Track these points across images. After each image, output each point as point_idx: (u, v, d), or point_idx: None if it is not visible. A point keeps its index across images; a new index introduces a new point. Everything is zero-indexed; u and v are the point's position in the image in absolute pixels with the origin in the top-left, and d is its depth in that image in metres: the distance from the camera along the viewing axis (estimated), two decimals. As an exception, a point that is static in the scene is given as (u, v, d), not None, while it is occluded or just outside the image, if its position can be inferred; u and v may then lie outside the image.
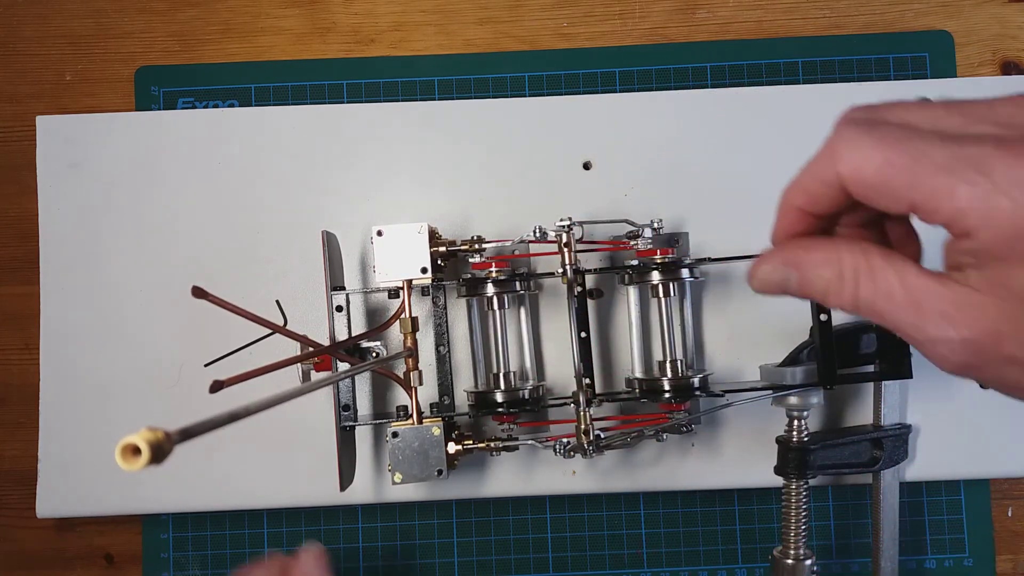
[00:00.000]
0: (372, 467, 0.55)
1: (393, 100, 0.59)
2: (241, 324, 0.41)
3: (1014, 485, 0.58)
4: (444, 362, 0.53)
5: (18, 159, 0.58)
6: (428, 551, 0.57)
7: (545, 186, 0.56)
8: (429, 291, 0.53)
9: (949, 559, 0.57)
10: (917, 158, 0.24)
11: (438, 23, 0.60)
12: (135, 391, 0.55)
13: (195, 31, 0.60)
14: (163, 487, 0.55)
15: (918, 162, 0.24)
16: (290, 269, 0.56)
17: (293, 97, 0.59)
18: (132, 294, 0.56)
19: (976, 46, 0.60)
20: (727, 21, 0.61)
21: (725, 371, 0.56)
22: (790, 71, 0.59)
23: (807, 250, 0.28)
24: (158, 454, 0.21)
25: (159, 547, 0.57)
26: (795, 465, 0.50)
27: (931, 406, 0.55)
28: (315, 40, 0.60)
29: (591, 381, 0.49)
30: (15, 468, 0.57)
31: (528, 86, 0.60)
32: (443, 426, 0.49)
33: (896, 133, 0.25)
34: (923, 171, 0.24)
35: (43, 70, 0.60)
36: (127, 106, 0.59)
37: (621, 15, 0.61)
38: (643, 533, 0.57)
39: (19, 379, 0.58)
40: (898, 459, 0.53)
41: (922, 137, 0.24)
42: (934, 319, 0.25)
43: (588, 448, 0.48)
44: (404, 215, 0.56)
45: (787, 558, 0.50)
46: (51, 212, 0.56)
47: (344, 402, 0.51)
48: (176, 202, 0.56)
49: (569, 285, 0.49)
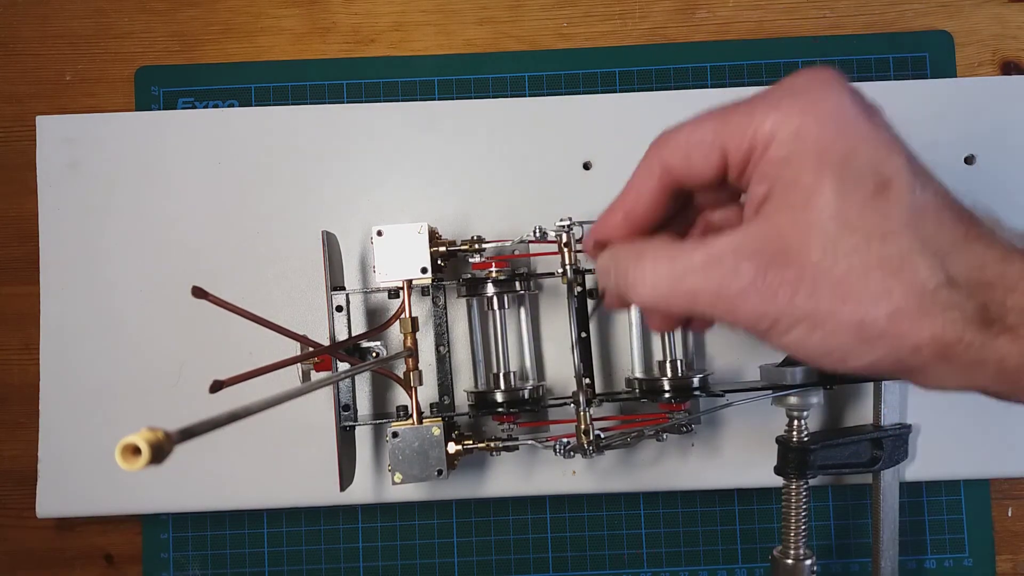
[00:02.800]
0: (372, 467, 0.55)
1: (393, 100, 0.59)
2: (241, 324, 0.41)
3: (1014, 485, 0.58)
4: (444, 362, 0.53)
5: (18, 159, 0.58)
6: (428, 551, 0.57)
7: (545, 186, 0.56)
8: (429, 291, 0.53)
9: (949, 559, 0.57)
10: (724, 113, 0.29)
11: (438, 23, 0.60)
12: (135, 391, 0.55)
13: (195, 31, 0.60)
14: (163, 487, 0.55)
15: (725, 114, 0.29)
16: (290, 269, 0.56)
17: (293, 97, 0.59)
18: (132, 294, 0.56)
19: (976, 46, 0.60)
20: (727, 21, 0.61)
21: (725, 371, 0.56)
22: (790, 71, 0.59)
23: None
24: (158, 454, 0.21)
25: (159, 547, 0.57)
26: (795, 465, 0.50)
27: (931, 406, 0.55)
28: (315, 40, 0.60)
29: (591, 381, 0.49)
30: (15, 468, 0.57)
31: (528, 86, 0.60)
32: (443, 426, 0.49)
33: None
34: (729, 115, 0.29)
35: (43, 70, 0.60)
36: (127, 106, 0.59)
37: (621, 15, 0.61)
38: (643, 533, 0.57)
39: (19, 379, 0.58)
40: (898, 459, 0.53)
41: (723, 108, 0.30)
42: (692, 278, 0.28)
43: (588, 448, 0.48)
44: (404, 215, 0.56)
45: (787, 558, 0.50)
46: (51, 212, 0.56)
47: (344, 402, 0.51)
48: (176, 202, 0.56)
49: (569, 285, 0.49)
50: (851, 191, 0.26)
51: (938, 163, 0.57)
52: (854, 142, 0.26)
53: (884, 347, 0.26)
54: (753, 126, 0.27)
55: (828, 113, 0.27)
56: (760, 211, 0.28)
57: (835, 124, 0.26)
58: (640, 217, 0.33)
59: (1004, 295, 0.26)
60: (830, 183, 0.26)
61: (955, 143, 0.56)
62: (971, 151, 0.56)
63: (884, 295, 0.25)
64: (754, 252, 0.27)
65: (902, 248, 0.26)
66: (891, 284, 0.25)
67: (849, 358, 0.27)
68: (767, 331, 0.27)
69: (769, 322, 0.27)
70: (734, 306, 0.27)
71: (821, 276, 0.26)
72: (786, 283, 0.26)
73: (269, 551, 0.57)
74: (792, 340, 0.27)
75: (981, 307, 0.25)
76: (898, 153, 0.27)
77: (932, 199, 0.26)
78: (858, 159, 0.26)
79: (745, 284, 0.27)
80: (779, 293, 0.26)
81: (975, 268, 0.26)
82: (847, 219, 0.26)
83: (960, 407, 0.55)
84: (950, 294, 0.25)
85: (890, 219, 0.26)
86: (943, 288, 0.25)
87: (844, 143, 0.26)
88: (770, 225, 0.27)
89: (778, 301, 0.26)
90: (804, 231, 0.26)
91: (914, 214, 0.26)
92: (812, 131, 0.26)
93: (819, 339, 0.27)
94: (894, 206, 0.26)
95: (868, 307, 0.25)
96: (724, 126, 0.28)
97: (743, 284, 0.27)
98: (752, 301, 0.27)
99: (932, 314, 0.25)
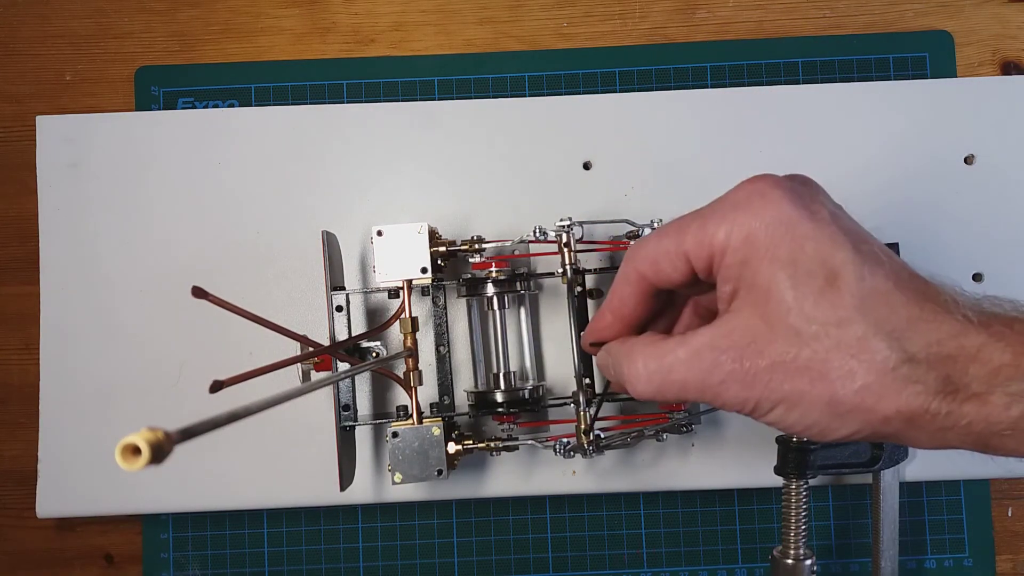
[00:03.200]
0: (372, 467, 0.55)
1: (393, 100, 0.59)
2: (241, 324, 0.41)
3: (1014, 485, 0.58)
4: (444, 362, 0.53)
5: (18, 159, 0.58)
6: (428, 551, 0.57)
7: (545, 186, 0.56)
8: (429, 291, 0.53)
9: (949, 559, 0.57)
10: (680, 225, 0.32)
11: (438, 23, 0.60)
12: (135, 391, 0.55)
13: (195, 31, 0.60)
14: (163, 487, 0.55)
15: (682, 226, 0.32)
16: (290, 269, 0.56)
17: (293, 97, 0.59)
18: (132, 294, 0.56)
19: (976, 46, 0.60)
20: (727, 21, 0.61)
21: (725, 371, 0.55)
22: (790, 71, 0.59)
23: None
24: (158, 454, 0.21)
25: (159, 547, 0.57)
26: (795, 465, 0.50)
27: (931, 406, 0.55)
28: (315, 40, 0.60)
29: (591, 381, 0.49)
30: (15, 468, 0.57)
31: (528, 86, 0.60)
32: (443, 426, 0.49)
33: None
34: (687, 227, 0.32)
35: (43, 70, 0.60)
36: (127, 106, 0.59)
37: (621, 15, 0.61)
38: (643, 533, 0.57)
39: (19, 379, 0.58)
40: (898, 459, 0.53)
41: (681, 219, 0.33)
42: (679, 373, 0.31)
43: (588, 448, 0.48)
44: (404, 215, 0.56)
45: (787, 558, 0.50)
46: (51, 212, 0.56)
47: (344, 402, 0.51)
48: (176, 202, 0.56)
49: (569, 285, 0.49)
50: (803, 285, 0.28)
51: (938, 163, 0.57)
52: (800, 242, 0.29)
53: (857, 421, 0.29)
54: (708, 237, 0.30)
55: (771, 219, 0.29)
56: (730, 307, 0.31)
57: (780, 227, 0.29)
58: (627, 317, 0.36)
59: (966, 365, 0.27)
60: (784, 280, 0.28)
61: (955, 143, 0.56)
62: (971, 151, 0.56)
63: (848, 375, 0.28)
64: (729, 346, 0.30)
65: (857, 332, 0.28)
66: (853, 365, 0.28)
67: (828, 431, 0.29)
68: (751, 413, 0.31)
69: (752, 405, 0.30)
70: (718, 394, 0.30)
71: (790, 362, 0.28)
72: (761, 371, 0.29)
73: (269, 551, 0.57)
74: (774, 419, 0.30)
75: (944, 378, 0.27)
76: (842, 245, 0.29)
77: (882, 283, 0.28)
78: (805, 257, 0.29)
79: (724, 375, 0.30)
80: (756, 381, 0.29)
81: (933, 344, 0.28)
82: (803, 311, 0.28)
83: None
84: (911, 370, 0.27)
85: (842, 307, 0.28)
86: (904, 365, 0.27)
87: (790, 244, 0.29)
88: (739, 320, 0.30)
89: (756, 387, 0.29)
90: (769, 324, 0.29)
91: (864, 300, 0.28)
92: (760, 237, 0.29)
93: (797, 417, 0.29)
94: (844, 295, 0.28)
95: (836, 386, 0.28)
96: (683, 238, 0.31)
97: (723, 375, 0.30)
98: (733, 389, 0.30)
99: (895, 389, 0.27)
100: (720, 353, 0.30)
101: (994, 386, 0.27)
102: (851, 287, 0.28)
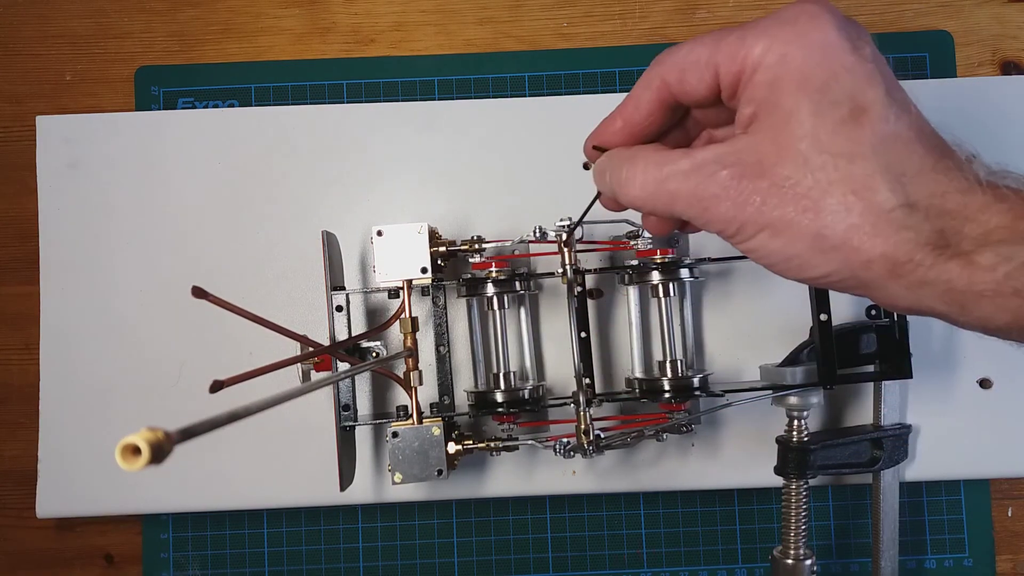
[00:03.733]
0: (372, 467, 0.55)
1: (393, 100, 0.59)
2: (241, 324, 0.41)
3: (1014, 485, 0.58)
4: (444, 362, 0.53)
5: (18, 159, 0.58)
6: (428, 551, 0.57)
7: (545, 186, 0.56)
8: (429, 291, 0.53)
9: (949, 559, 0.57)
10: (718, 36, 0.31)
11: (438, 23, 0.60)
12: (135, 391, 0.55)
13: (195, 31, 0.60)
14: (163, 487, 0.55)
15: (718, 38, 0.31)
16: (290, 269, 0.56)
17: (293, 97, 0.59)
18: (132, 294, 0.56)
19: (976, 46, 0.60)
20: (727, 21, 0.61)
21: (725, 371, 0.56)
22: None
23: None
24: (158, 454, 0.21)
25: (159, 547, 0.57)
26: (795, 465, 0.50)
27: (931, 406, 0.55)
28: (315, 40, 0.60)
29: (591, 381, 0.49)
30: (15, 468, 0.57)
31: (528, 86, 0.60)
32: (443, 426, 0.49)
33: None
34: (722, 40, 0.31)
35: (43, 70, 0.60)
36: (127, 106, 0.59)
37: (621, 15, 0.61)
38: (643, 533, 0.57)
39: (19, 379, 0.58)
40: (898, 459, 0.53)
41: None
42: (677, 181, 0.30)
43: (588, 448, 0.48)
44: (404, 215, 0.56)
45: (787, 558, 0.50)
46: (51, 212, 0.56)
47: (344, 402, 0.51)
48: (176, 202, 0.56)
49: (569, 285, 0.49)
50: (825, 115, 0.28)
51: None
52: (835, 70, 0.28)
53: (838, 259, 0.28)
54: (744, 50, 0.29)
55: (813, 42, 0.28)
56: (747, 130, 0.30)
57: (819, 53, 0.28)
58: (637, 125, 0.35)
59: (962, 223, 0.27)
60: (807, 106, 0.28)
61: (955, 143, 0.56)
62: (971, 151, 0.56)
63: (842, 211, 0.28)
64: (733, 163, 0.29)
65: (866, 170, 0.27)
66: (850, 201, 0.27)
67: (806, 267, 0.29)
68: (733, 235, 0.30)
69: (736, 226, 0.29)
70: (706, 208, 0.30)
71: (788, 189, 0.28)
72: (756, 192, 0.29)
73: (269, 551, 0.57)
74: (755, 245, 0.29)
75: (938, 232, 0.27)
76: (877, 84, 0.28)
77: (905, 130, 0.28)
78: (836, 86, 0.28)
79: (719, 190, 0.29)
80: (749, 201, 0.29)
81: (936, 195, 0.28)
82: (819, 140, 0.28)
83: (960, 407, 0.55)
84: (907, 216, 0.27)
85: (859, 143, 0.28)
86: (900, 209, 0.27)
87: (825, 71, 0.28)
88: (751, 141, 0.29)
89: (747, 208, 0.29)
90: (779, 148, 0.28)
91: (883, 140, 0.28)
92: (796, 59, 0.28)
93: (779, 246, 0.29)
94: (865, 131, 0.28)
95: (826, 220, 0.28)
96: (717, 48, 0.30)
97: (717, 190, 0.29)
98: (724, 206, 0.29)
99: (886, 233, 0.27)
100: (722, 168, 0.29)
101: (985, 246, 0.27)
102: (874, 126, 0.28)
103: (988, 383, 0.56)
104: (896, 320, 0.51)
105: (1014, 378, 0.55)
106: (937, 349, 0.56)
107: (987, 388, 0.56)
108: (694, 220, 0.31)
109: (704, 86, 0.31)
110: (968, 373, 0.56)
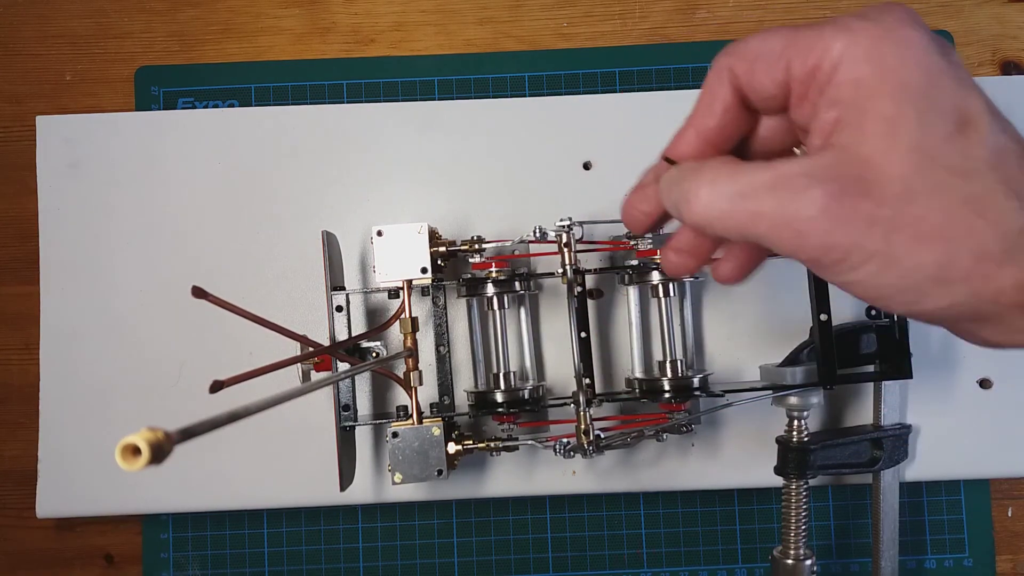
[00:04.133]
0: (372, 467, 0.55)
1: (393, 100, 0.59)
2: (241, 324, 0.41)
3: (1014, 485, 0.58)
4: (444, 362, 0.53)
5: (18, 159, 0.58)
6: (428, 551, 0.57)
7: (545, 186, 0.56)
8: (429, 291, 0.53)
9: (949, 559, 0.57)
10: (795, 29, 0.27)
11: (438, 23, 0.60)
12: (135, 391, 0.55)
13: (195, 31, 0.60)
14: (163, 487, 0.55)
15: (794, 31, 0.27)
16: (290, 269, 0.56)
17: (293, 97, 0.59)
18: (132, 294, 0.56)
19: (976, 46, 0.60)
20: (727, 21, 0.61)
21: (725, 371, 0.56)
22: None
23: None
24: (158, 454, 0.21)
25: (159, 547, 0.57)
26: (795, 465, 0.50)
27: (931, 406, 0.55)
28: (315, 40, 0.60)
29: (591, 381, 0.49)
30: (15, 468, 0.57)
31: (528, 86, 0.60)
32: (443, 426, 0.49)
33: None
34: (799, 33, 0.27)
35: (43, 70, 0.60)
36: (127, 106, 0.59)
37: (621, 15, 0.61)
38: (643, 533, 0.57)
39: (19, 379, 0.58)
40: (898, 459, 0.53)
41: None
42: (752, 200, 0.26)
43: (588, 448, 0.48)
44: (404, 215, 0.56)
45: (787, 558, 0.50)
46: (51, 212, 0.56)
47: (344, 402, 0.51)
48: (176, 202, 0.56)
49: (569, 285, 0.49)
50: (933, 125, 0.24)
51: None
52: (935, 76, 0.25)
53: (964, 291, 0.24)
54: (822, 45, 0.26)
55: (906, 42, 0.25)
56: (832, 138, 0.26)
57: (914, 55, 0.25)
58: (711, 131, 0.31)
59: None
60: (912, 114, 0.24)
61: None
62: None
63: (969, 235, 0.24)
64: (828, 178, 0.25)
65: (985, 188, 0.24)
66: (977, 224, 0.24)
67: (923, 300, 0.25)
68: (833, 265, 0.25)
69: (839, 255, 0.25)
70: (800, 233, 0.25)
71: (901, 211, 0.24)
72: (862, 214, 0.24)
73: (269, 551, 0.57)
74: (860, 276, 0.25)
75: None
76: (977, 94, 0.25)
77: (1010, 143, 0.25)
78: (939, 93, 0.24)
79: (816, 211, 0.24)
80: (853, 224, 0.24)
81: None
82: (929, 154, 0.24)
83: (960, 407, 0.55)
84: None
85: (972, 158, 0.24)
86: None
87: (924, 75, 0.25)
88: (846, 153, 0.25)
89: (852, 233, 0.24)
90: (884, 162, 0.24)
91: (996, 154, 0.24)
92: (889, 57, 0.25)
93: (894, 278, 0.25)
94: (976, 145, 0.24)
95: (952, 247, 0.24)
96: (793, 41, 0.27)
97: (813, 211, 0.24)
98: (822, 230, 0.24)
99: (1018, 259, 0.24)
100: (815, 185, 0.24)
101: None
102: (984, 138, 0.24)
103: (988, 383, 0.56)
104: (896, 320, 0.51)
105: (1014, 378, 0.55)
106: (937, 349, 0.56)
107: (987, 388, 0.56)
108: (778, 246, 0.26)
109: (773, 83, 0.28)
110: (968, 373, 0.56)
